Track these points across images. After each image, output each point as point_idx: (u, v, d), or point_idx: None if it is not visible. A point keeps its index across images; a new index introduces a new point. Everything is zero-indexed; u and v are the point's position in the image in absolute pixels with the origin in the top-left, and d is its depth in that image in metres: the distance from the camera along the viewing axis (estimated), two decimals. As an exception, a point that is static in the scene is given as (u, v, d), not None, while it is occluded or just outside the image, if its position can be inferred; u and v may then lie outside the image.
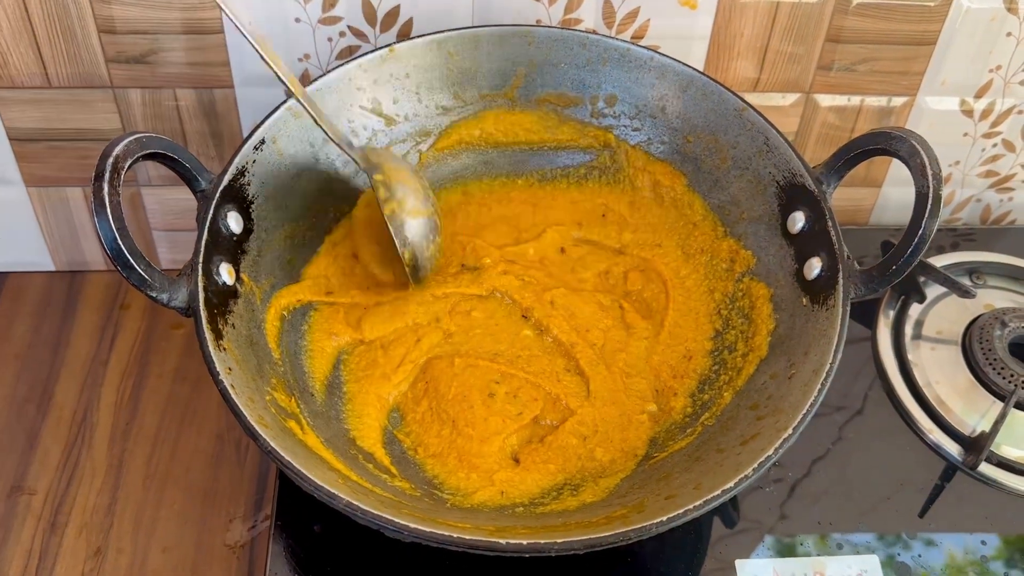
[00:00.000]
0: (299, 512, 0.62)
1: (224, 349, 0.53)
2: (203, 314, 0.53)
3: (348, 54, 0.72)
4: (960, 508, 0.67)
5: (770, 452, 0.50)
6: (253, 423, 0.49)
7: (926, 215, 0.54)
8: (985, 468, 0.68)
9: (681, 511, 0.47)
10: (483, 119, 0.70)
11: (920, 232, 0.54)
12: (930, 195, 0.54)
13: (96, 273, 0.83)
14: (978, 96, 0.80)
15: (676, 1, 0.72)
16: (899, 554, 0.64)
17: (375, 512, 0.46)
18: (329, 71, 0.66)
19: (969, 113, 0.81)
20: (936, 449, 0.70)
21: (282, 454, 0.48)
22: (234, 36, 0.70)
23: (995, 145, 0.83)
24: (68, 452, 0.72)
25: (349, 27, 0.71)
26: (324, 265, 0.65)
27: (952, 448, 0.69)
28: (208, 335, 0.52)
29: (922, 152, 0.55)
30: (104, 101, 0.73)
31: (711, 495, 0.48)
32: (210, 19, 0.69)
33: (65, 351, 0.78)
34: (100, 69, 0.71)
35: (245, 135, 0.62)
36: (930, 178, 0.54)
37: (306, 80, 0.73)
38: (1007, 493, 0.67)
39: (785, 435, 0.51)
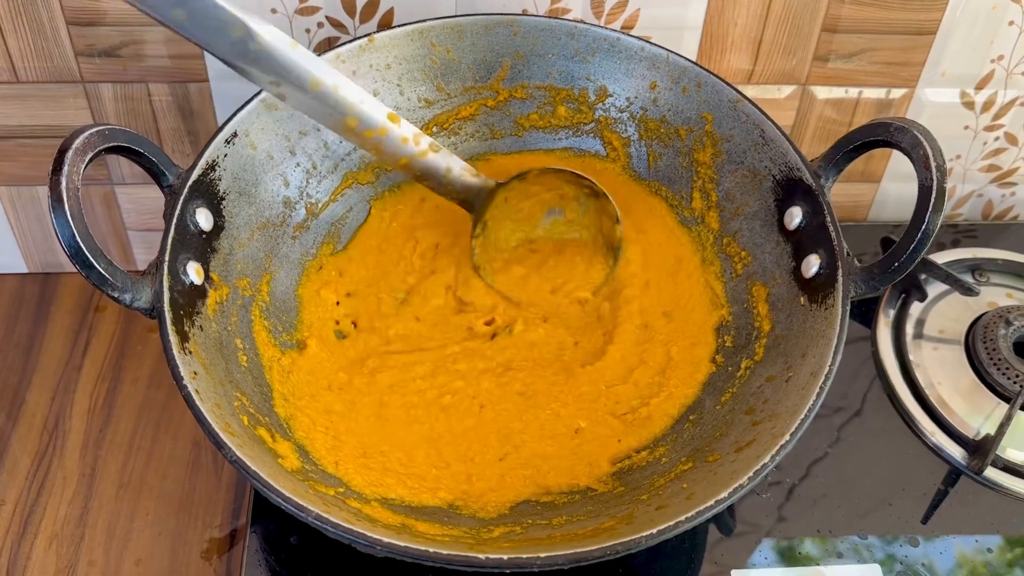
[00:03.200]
0: (275, 523, 0.60)
1: (190, 352, 0.51)
2: (168, 315, 0.50)
3: (327, 46, 0.70)
4: (965, 513, 0.65)
5: (766, 460, 0.47)
6: (219, 431, 0.46)
7: (929, 209, 0.52)
8: (989, 472, 0.66)
9: (672, 523, 0.45)
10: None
11: (923, 227, 0.52)
12: (934, 188, 0.52)
13: (71, 275, 0.81)
14: (979, 88, 0.77)
15: (667, -11, 0.69)
16: (901, 562, 0.61)
17: (346, 526, 0.44)
18: (307, 63, 0.63)
19: (970, 105, 0.79)
20: (938, 452, 0.68)
21: (248, 464, 0.45)
22: (208, 27, 0.68)
23: (997, 139, 0.81)
24: (39, 461, 0.70)
25: (327, 18, 0.68)
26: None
27: (955, 451, 0.67)
28: (173, 337, 0.50)
29: (925, 143, 0.53)
30: (75, 96, 0.71)
31: (703, 506, 0.46)
32: (183, 10, 0.67)
33: (37, 355, 0.76)
34: (70, 63, 0.69)
35: (219, 127, 0.59)
36: (933, 170, 0.52)
37: (284, 73, 0.71)
38: (1014, 498, 0.65)
39: (782, 442, 0.48)
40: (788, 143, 0.60)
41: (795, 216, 0.59)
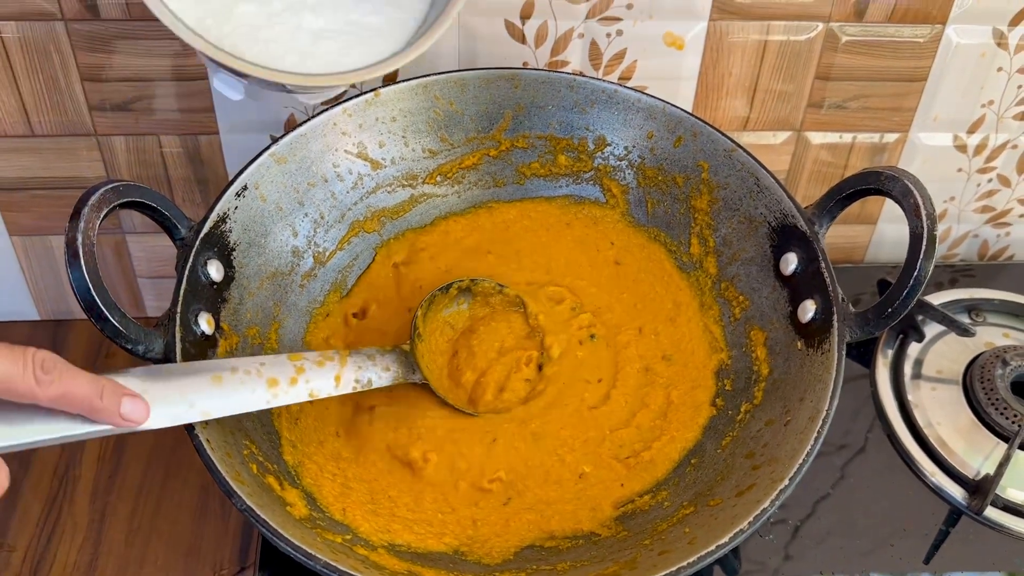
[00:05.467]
0: (283, 569, 0.61)
1: (201, 402, 0.51)
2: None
3: (334, 99, 0.72)
4: (966, 553, 0.65)
5: (766, 504, 0.48)
6: (229, 480, 0.47)
7: (921, 256, 0.53)
8: (990, 512, 0.67)
9: (674, 569, 0.45)
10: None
11: (916, 273, 0.53)
12: (924, 235, 0.53)
13: (81, 322, 0.82)
14: (971, 131, 0.79)
15: (662, 42, 0.71)
16: (905, 603, 0.62)
17: (354, 574, 0.45)
18: (314, 116, 0.65)
19: (963, 149, 0.80)
20: (939, 492, 0.68)
21: (258, 512, 0.46)
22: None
23: (990, 180, 0.83)
24: (49, 507, 0.70)
25: (334, 72, 0.70)
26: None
27: (955, 491, 0.68)
28: (185, 388, 0.51)
29: (915, 192, 0.54)
30: (88, 149, 0.73)
31: (705, 551, 0.46)
32: (194, 65, 0.69)
33: (48, 402, 0.77)
34: (84, 117, 0.71)
35: (229, 181, 0.61)
36: (924, 218, 0.53)
37: (291, 125, 0.72)
38: (1015, 538, 0.66)
39: (781, 486, 0.49)
40: (782, 191, 0.62)
41: (790, 262, 0.60)
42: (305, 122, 0.64)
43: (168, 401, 0.47)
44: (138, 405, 0.45)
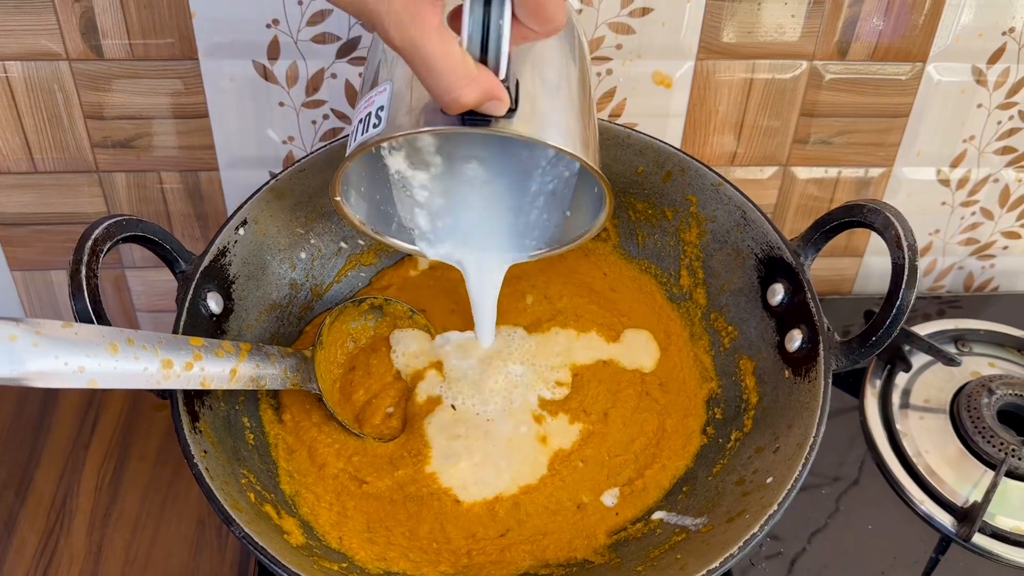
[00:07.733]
0: (279, 599, 0.61)
1: (200, 431, 0.52)
2: (179, 396, 0.52)
3: (332, 136, 0.73)
4: (956, 581, 0.65)
5: (755, 529, 0.49)
6: (227, 507, 0.48)
7: (903, 286, 0.55)
8: (979, 539, 0.67)
9: (665, 594, 0.46)
10: None
11: (898, 303, 0.55)
12: (906, 266, 0.55)
13: (80, 355, 0.83)
14: (953, 166, 0.81)
15: (651, 81, 0.73)
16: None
17: (351, 601, 0.45)
18: (313, 152, 0.67)
19: (946, 183, 0.82)
20: (929, 520, 0.69)
21: (257, 540, 0.47)
22: (219, 120, 0.71)
23: (973, 213, 0.84)
24: (46, 539, 0.71)
25: (332, 110, 0.72)
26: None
27: (945, 519, 0.69)
28: (184, 417, 0.52)
29: (896, 224, 0.56)
30: (89, 185, 0.74)
31: (695, 576, 0.47)
32: (195, 104, 0.71)
33: (46, 435, 0.77)
34: (86, 154, 0.72)
35: (229, 215, 0.62)
36: (905, 249, 0.55)
37: (291, 161, 0.74)
38: (1003, 565, 0.66)
39: (770, 511, 0.50)
40: (768, 224, 0.63)
41: (777, 293, 0.62)
42: (304, 158, 0.66)
43: (59, 362, 0.44)
44: None
